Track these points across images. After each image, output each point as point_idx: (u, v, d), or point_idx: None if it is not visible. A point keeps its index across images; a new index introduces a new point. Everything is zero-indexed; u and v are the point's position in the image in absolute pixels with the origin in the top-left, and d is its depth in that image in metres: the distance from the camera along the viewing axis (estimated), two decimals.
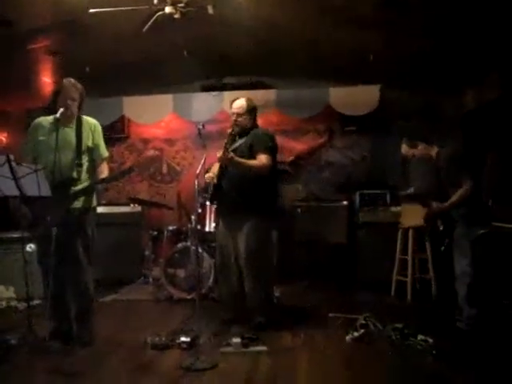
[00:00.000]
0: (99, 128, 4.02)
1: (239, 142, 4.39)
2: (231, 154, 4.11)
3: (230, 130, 4.36)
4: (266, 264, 4.44)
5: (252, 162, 4.23)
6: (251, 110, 4.46)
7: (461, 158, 4.00)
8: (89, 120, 3.97)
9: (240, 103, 4.44)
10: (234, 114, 4.43)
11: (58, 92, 3.81)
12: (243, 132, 4.42)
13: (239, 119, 4.40)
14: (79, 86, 3.86)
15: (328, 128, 7.14)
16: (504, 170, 5.31)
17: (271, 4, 4.41)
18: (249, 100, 4.49)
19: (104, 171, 3.98)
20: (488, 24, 4.61)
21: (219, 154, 4.16)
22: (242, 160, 4.20)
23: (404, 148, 4.29)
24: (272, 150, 4.38)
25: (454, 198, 3.90)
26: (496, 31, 4.73)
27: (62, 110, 3.65)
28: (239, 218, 4.33)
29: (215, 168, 4.47)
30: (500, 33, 4.74)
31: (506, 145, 5.37)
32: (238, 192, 4.28)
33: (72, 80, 3.86)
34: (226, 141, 4.23)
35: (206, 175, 4.50)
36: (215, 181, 4.36)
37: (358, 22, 4.73)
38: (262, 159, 4.25)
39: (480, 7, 4.29)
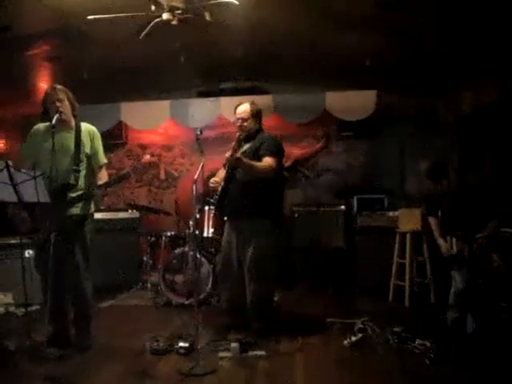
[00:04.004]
0: (98, 135, 4.04)
1: (246, 146, 4.38)
2: (239, 155, 4.10)
3: (238, 134, 4.35)
4: (272, 269, 4.41)
5: (259, 164, 4.20)
6: (256, 114, 4.44)
7: (493, 189, 3.99)
8: (88, 127, 3.99)
9: (244, 108, 4.43)
10: (238, 119, 4.42)
11: (45, 101, 3.83)
12: (249, 136, 4.41)
13: (244, 124, 4.39)
14: (62, 87, 3.86)
15: (325, 133, 7.14)
16: (502, 173, 5.33)
17: (268, 10, 4.43)
18: (253, 104, 4.47)
19: (103, 177, 4.00)
20: (485, 27, 4.63)
21: (228, 154, 4.16)
22: (250, 161, 4.16)
23: (427, 183, 4.15)
24: (278, 153, 4.37)
25: (489, 231, 3.81)
26: (493, 34, 4.75)
27: (56, 115, 3.66)
28: (247, 222, 4.30)
29: (220, 173, 4.47)
30: (497, 36, 4.77)
31: (503, 147, 5.39)
32: (245, 197, 4.26)
33: (54, 85, 3.88)
34: (234, 143, 4.22)
35: (212, 179, 4.48)
36: (222, 185, 4.34)
37: (354, 27, 4.76)
38: (269, 161, 4.22)
39: (476, 10, 4.31)
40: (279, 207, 4.52)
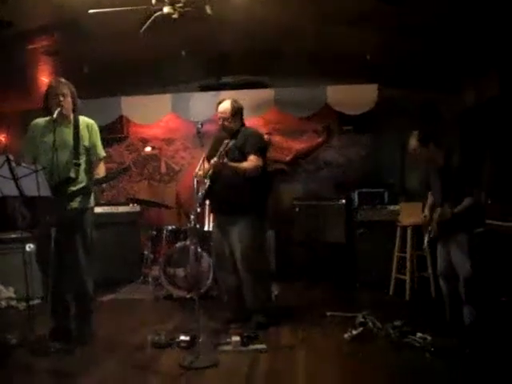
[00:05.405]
0: (96, 128, 4.02)
1: (229, 143, 4.37)
2: (225, 160, 4.12)
3: (226, 138, 4.32)
4: (262, 263, 4.46)
5: (244, 165, 4.25)
6: (236, 113, 4.42)
7: (471, 166, 3.99)
8: (85, 120, 3.98)
9: (225, 106, 4.41)
10: (219, 118, 4.42)
11: (48, 93, 3.82)
12: (231, 133, 4.40)
13: (225, 123, 4.39)
14: (66, 81, 3.86)
15: (326, 127, 7.14)
16: (502, 168, 5.32)
17: (269, 4, 4.42)
18: (234, 102, 4.44)
19: (101, 171, 3.99)
20: (487, 21, 4.61)
21: (213, 160, 4.16)
22: (235, 164, 4.21)
23: (413, 144, 4.04)
24: (262, 150, 4.41)
25: (463, 205, 3.78)
26: (495, 29, 4.73)
27: (58, 109, 3.66)
28: (232, 217, 4.34)
29: (203, 166, 4.44)
30: (499, 30, 4.75)
31: (503, 142, 5.38)
32: (230, 192, 4.28)
33: (58, 78, 3.88)
34: (221, 148, 4.18)
35: (198, 174, 4.46)
36: (208, 183, 4.32)
37: (355, 21, 4.74)
38: (254, 160, 4.27)
39: (478, 5, 4.30)
40: (264, 201, 4.54)
